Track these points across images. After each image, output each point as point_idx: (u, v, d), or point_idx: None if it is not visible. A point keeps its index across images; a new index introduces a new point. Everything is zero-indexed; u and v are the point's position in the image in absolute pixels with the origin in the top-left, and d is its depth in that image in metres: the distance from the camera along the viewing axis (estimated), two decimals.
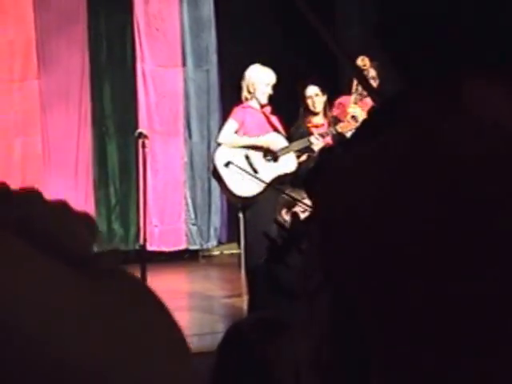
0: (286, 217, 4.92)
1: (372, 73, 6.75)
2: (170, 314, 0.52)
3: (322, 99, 6.58)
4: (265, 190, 6.02)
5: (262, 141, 6.20)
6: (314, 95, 6.57)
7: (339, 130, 6.31)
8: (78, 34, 8.53)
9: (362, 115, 6.19)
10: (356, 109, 6.41)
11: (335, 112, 6.79)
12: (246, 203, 6.13)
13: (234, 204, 6.69)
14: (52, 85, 8.41)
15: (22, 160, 8.30)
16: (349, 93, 6.57)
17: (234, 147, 6.17)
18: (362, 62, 6.40)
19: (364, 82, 4.72)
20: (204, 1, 8.90)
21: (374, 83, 6.84)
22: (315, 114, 6.60)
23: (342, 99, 6.78)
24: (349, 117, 6.41)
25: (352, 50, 6.47)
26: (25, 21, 8.29)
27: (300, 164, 6.31)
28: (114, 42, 8.75)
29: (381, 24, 1.10)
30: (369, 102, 6.73)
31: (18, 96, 8.30)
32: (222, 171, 6.14)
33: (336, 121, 6.51)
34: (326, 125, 6.61)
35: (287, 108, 6.66)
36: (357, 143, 1.17)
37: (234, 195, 6.19)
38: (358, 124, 6.41)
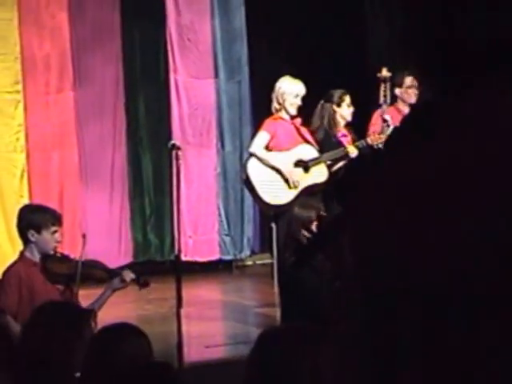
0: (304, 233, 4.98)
1: (410, 81, 6.79)
2: None
3: (349, 111, 6.65)
4: (296, 198, 6.03)
5: (285, 170, 6.23)
6: (346, 106, 6.62)
7: (369, 142, 6.37)
8: (113, 46, 8.58)
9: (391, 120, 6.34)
10: (387, 115, 6.52)
11: (373, 121, 6.82)
12: (278, 212, 6.14)
13: (266, 213, 6.70)
14: (87, 97, 8.45)
15: (59, 172, 8.34)
16: (375, 105, 6.64)
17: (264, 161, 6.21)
18: (385, 73, 6.48)
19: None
20: (236, 13, 8.92)
21: (412, 91, 6.86)
22: (341, 124, 6.67)
23: (378, 111, 6.81)
24: (380, 122, 6.51)
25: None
26: (60, 34, 8.35)
27: (335, 172, 6.34)
28: (147, 54, 8.79)
29: (409, 37, 1.10)
30: (404, 110, 6.75)
31: (54, 109, 8.35)
32: (254, 180, 6.15)
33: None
34: (348, 135, 6.66)
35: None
36: (393, 150, 1.17)
37: (265, 204, 6.21)
38: (388, 128, 6.46)
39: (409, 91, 6.86)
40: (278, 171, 6.22)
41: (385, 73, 6.52)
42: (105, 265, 5.06)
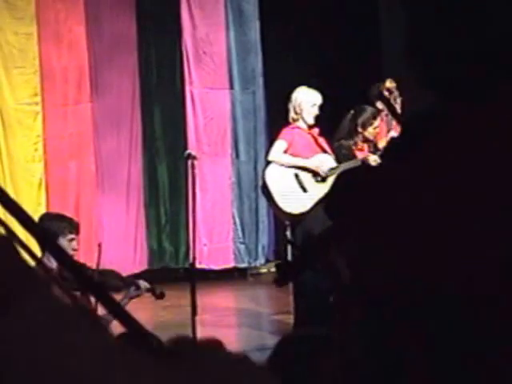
0: None
1: (396, 93, 6.79)
2: None
3: (376, 131, 6.53)
4: (313, 208, 6.00)
5: (311, 163, 6.19)
6: (372, 128, 6.57)
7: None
8: (129, 58, 8.60)
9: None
10: (393, 131, 6.45)
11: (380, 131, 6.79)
12: (294, 220, 6.12)
13: (282, 220, 6.68)
14: (104, 109, 8.48)
15: (77, 182, 8.37)
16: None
17: (284, 166, 6.18)
18: (390, 84, 6.43)
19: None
20: (250, 25, 8.94)
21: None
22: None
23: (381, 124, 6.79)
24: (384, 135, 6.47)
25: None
26: (78, 48, 8.39)
27: None
28: (163, 65, 8.82)
29: (418, 48, 1.09)
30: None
31: (72, 120, 8.39)
32: (272, 188, 6.14)
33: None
34: (365, 149, 6.59)
35: (332, 128, 6.65)
36: (395, 156, 1.16)
37: (282, 212, 6.18)
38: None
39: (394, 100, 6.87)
40: (304, 169, 6.18)
41: (389, 84, 6.44)
42: (120, 274, 5.08)
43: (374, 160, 6.27)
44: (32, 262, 0.55)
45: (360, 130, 6.41)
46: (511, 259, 0.99)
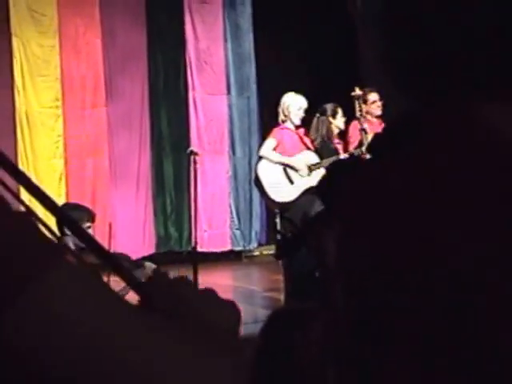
0: None
1: (372, 97, 6.82)
2: None
3: (343, 120, 6.65)
4: (299, 197, 6.01)
5: (294, 162, 6.20)
6: (340, 117, 6.62)
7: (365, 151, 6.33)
8: (139, 68, 8.59)
9: (369, 129, 6.36)
10: (365, 124, 6.53)
11: (351, 132, 6.82)
12: (282, 208, 6.12)
13: (272, 209, 6.68)
14: (117, 111, 8.46)
15: (93, 176, 8.35)
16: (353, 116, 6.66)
17: (273, 161, 6.18)
18: (358, 91, 6.53)
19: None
20: (245, 38, 8.92)
21: (376, 106, 6.87)
22: (335, 133, 6.66)
23: (353, 123, 6.82)
24: (359, 129, 6.50)
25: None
26: (94, 58, 8.36)
27: None
28: (169, 74, 8.80)
29: (391, 54, 1.08)
30: (373, 121, 6.75)
31: (89, 122, 8.37)
32: (263, 180, 6.13)
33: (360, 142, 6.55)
34: (341, 142, 6.67)
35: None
36: (377, 155, 1.14)
37: (272, 201, 6.18)
38: (367, 135, 6.47)
39: (373, 106, 6.88)
40: (288, 165, 6.19)
41: (357, 91, 6.56)
42: (130, 257, 5.10)
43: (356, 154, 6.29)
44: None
45: (331, 119, 6.51)
46: (485, 253, 0.97)
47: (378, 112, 6.84)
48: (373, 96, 6.85)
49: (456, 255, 0.95)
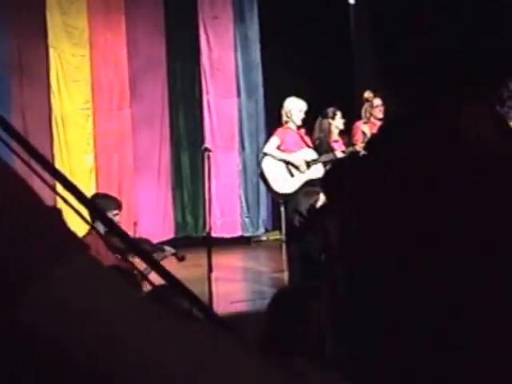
0: None
1: (377, 102, 6.79)
2: None
3: (342, 121, 6.61)
4: (299, 189, 6.00)
5: (294, 158, 6.19)
6: (339, 118, 6.59)
7: (357, 149, 6.31)
8: (160, 74, 8.59)
9: (369, 132, 6.32)
10: (365, 127, 6.49)
11: (354, 132, 6.80)
12: (285, 199, 6.11)
13: (276, 200, 6.67)
14: (140, 112, 8.47)
15: (119, 170, 8.37)
16: (359, 118, 6.61)
17: (276, 158, 6.17)
18: (368, 94, 6.48)
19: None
20: (253, 48, 8.90)
21: (378, 109, 6.85)
22: (335, 133, 6.63)
23: (357, 123, 6.79)
24: (358, 133, 6.47)
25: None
26: (120, 65, 8.37)
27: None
28: (185, 79, 8.79)
29: (384, 65, 1.07)
30: (376, 122, 6.73)
31: (115, 121, 8.38)
32: (268, 174, 6.12)
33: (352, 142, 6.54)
34: (340, 140, 6.63)
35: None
36: (370, 154, 1.13)
37: (275, 193, 6.18)
38: (366, 138, 6.47)
39: (376, 110, 6.88)
40: (289, 162, 6.18)
41: (367, 94, 6.52)
42: (151, 241, 5.11)
43: (341, 156, 6.28)
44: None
45: (331, 121, 6.49)
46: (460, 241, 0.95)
47: (380, 115, 6.85)
48: (377, 101, 6.85)
49: (456, 254, 0.93)
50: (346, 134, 6.88)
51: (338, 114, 6.59)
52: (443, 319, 0.90)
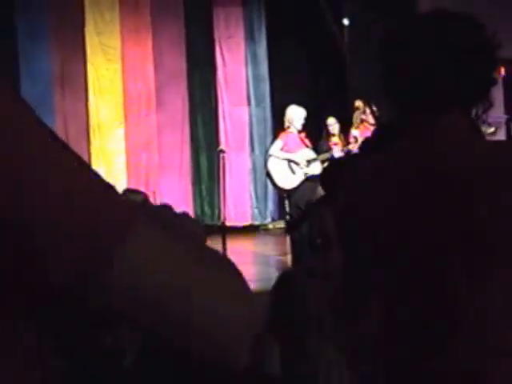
0: None
1: (368, 110, 6.76)
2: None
3: (337, 126, 6.60)
4: (300, 185, 6.01)
5: (296, 157, 6.20)
6: (333, 123, 6.59)
7: (351, 148, 6.31)
8: (181, 85, 8.59)
9: (360, 136, 6.31)
10: (356, 131, 6.46)
11: (347, 136, 6.78)
12: (287, 193, 6.13)
13: (280, 194, 6.68)
14: (165, 118, 8.49)
15: (146, 168, 8.40)
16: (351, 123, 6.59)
17: (279, 158, 6.18)
18: (358, 103, 6.47)
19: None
20: (261, 63, 8.88)
21: (371, 116, 6.81)
22: (333, 135, 6.62)
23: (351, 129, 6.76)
24: (351, 137, 6.45)
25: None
26: (147, 76, 8.39)
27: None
28: (203, 90, 8.79)
29: (388, 81, 1.10)
30: (369, 127, 6.69)
31: (143, 126, 8.41)
32: (272, 173, 6.14)
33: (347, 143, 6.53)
34: (339, 143, 6.60)
35: (314, 132, 6.66)
36: (365, 153, 1.15)
37: (279, 188, 6.19)
38: (358, 142, 6.44)
39: (370, 116, 6.83)
40: (291, 161, 6.19)
41: (357, 103, 6.50)
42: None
43: (337, 155, 6.26)
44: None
45: (329, 129, 6.50)
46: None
47: (373, 121, 6.81)
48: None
49: (442, 249, 0.95)
50: (342, 137, 6.86)
51: (332, 122, 6.55)
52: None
